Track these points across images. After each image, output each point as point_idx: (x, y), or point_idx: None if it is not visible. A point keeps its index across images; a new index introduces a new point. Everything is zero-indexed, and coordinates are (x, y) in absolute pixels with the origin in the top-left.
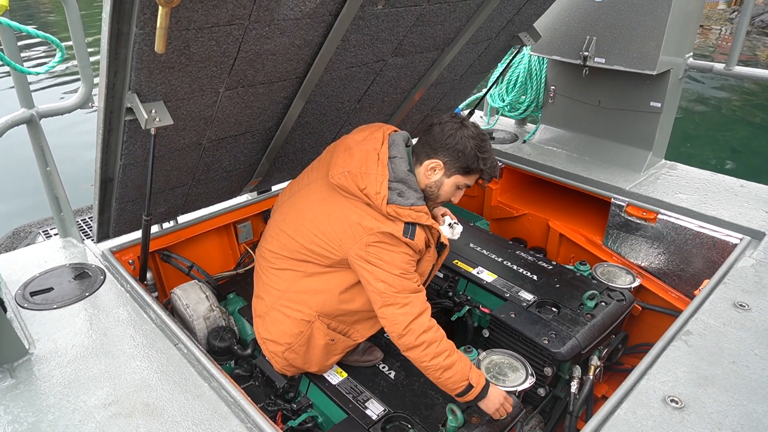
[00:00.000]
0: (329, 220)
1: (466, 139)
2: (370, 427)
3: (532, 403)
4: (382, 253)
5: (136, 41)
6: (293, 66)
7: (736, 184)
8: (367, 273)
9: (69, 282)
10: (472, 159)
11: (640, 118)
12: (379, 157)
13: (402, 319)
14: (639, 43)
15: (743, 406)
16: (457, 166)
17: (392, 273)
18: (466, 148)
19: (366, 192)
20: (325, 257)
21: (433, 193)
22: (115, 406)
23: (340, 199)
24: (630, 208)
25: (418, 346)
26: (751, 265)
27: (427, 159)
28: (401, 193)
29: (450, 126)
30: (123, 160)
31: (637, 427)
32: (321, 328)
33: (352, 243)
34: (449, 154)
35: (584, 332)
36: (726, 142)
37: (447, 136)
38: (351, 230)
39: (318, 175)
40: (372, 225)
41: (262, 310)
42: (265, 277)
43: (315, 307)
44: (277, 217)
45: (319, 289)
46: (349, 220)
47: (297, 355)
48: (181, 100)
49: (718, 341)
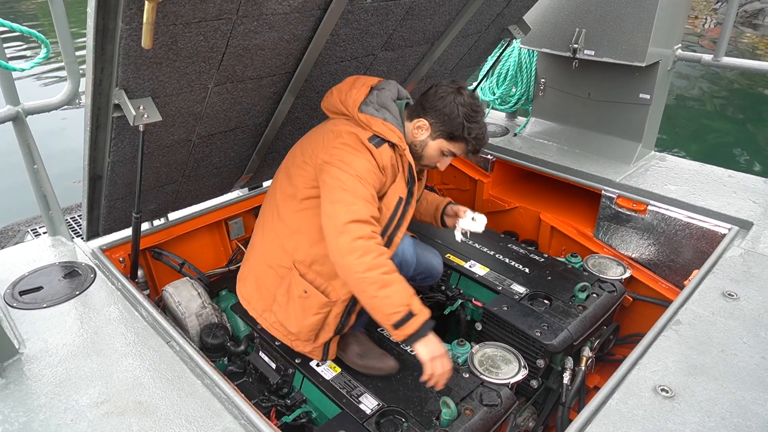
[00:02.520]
0: (311, 138)
1: (456, 105)
2: (365, 422)
3: (524, 394)
4: (343, 154)
5: (122, 37)
6: (282, 61)
7: (725, 174)
8: (327, 175)
9: (59, 281)
10: (458, 126)
11: (629, 110)
12: (366, 81)
13: (341, 215)
14: (628, 35)
15: (732, 393)
16: (442, 129)
17: (348, 172)
18: (452, 113)
19: (345, 103)
20: (300, 177)
21: (417, 153)
22: (108, 404)
23: (326, 123)
24: (620, 200)
25: (352, 251)
26: (740, 255)
27: (416, 117)
28: (377, 109)
29: (444, 89)
30: (111, 157)
31: (629, 416)
32: (296, 276)
33: (321, 150)
34: (436, 116)
35: (576, 324)
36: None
37: (438, 97)
38: (324, 138)
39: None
40: (343, 127)
41: (247, 270)
42: (253, 236)
43: (290, 251)
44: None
45: (292, 230)
46: (325, 130)
47: (280, 310)
48: (169, 96)
49: (708, 330)
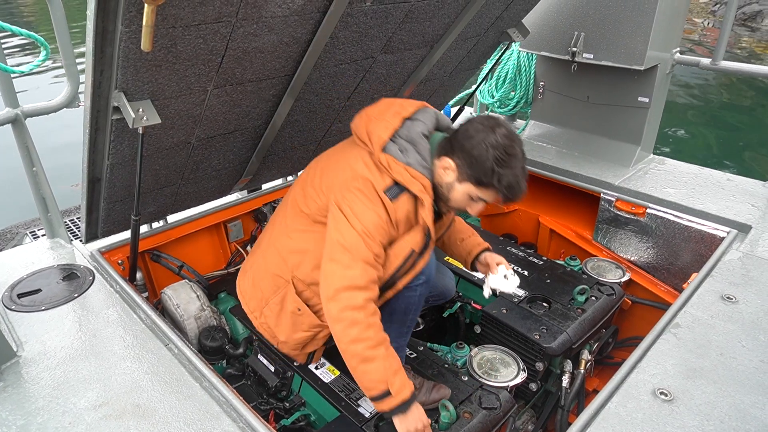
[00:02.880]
0: (334, 166)
1: (486, 146)
2: (363, 425)
3: (524, 397)
4: (354, 201)
5: (122, 39)
6: (282, 64)
7: (723, 177)
8: (332, 220)
9: (57, 283)
10: (487, 171)
11: (628, 113)
12: (400, 110)
13: (336, 280)
14: (627, 39)
15: (731, 397)
16: (469, 173)
17: (353, 227)
18: (481, 156)
19: (370, 136)
20: (313, 202)
21: (444, 195)
22: (106, 407)
23: (351, 147)
24: (619, 203)
25: (339, 320)
26: (738, 258)
27: (444, 155)
28: (404, 149)
29: (475, 126)
30: (111, 160)
31: (628, 420)
32: (292, 292)
33: (336, 187)
34: (464, 157)
35: (575, 327)
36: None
37: (467, 136)
38: (343, 174)
39: None
40: (360, 170)
41: (249, 265)
42: (263, 234)
43: (291, 266)
44: (306, 168)
45: (297, 249)
46: (346, 164)
47: (271, 314)
48: (168, 99)
49: (707, 334)
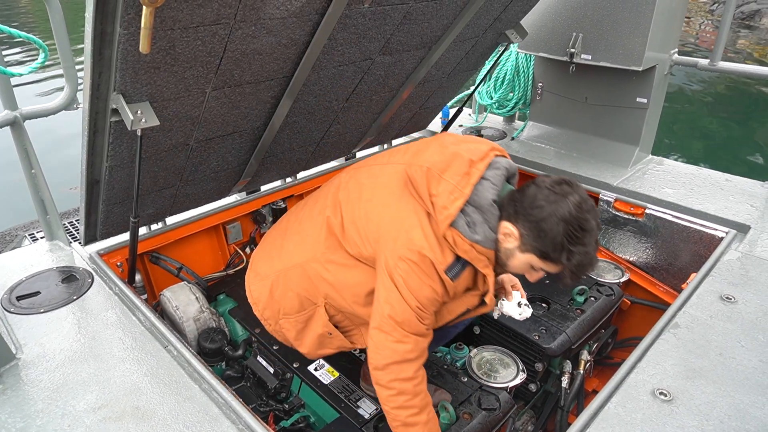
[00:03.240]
0: (380, 210)
1: (558, 220)
2: (363, 426)
3: (523, 398)
4: (410, 275)
5: (120, 41)
6: (280, 65)
7: (722, 178)
8: (382, 288)
9: (56, 285)
10: (556, 247)
11: (626, 113)
12: (469, 170)
13: (387, 354)
14: (625, 40)
15: (730, 397)
16: (534, 245)
17: (406, 302)
18: (551, 231)
19: (433, 200)
20: (355, 245)
21: (501, 260)
22: (105, 410)
23: (405, 194)
24: (618, 204)
25: (388, 388)
26: (737, 258)
27: (506, 221)
28: (472, 223)
29: (545, 194)
30: (109, 162)
31: (627, 420)
32: (322, 318)
33: (386, 245)
34: (529, 228)
35: (574, 327)
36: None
37: (536, 205)
38: (395, 233)
39: (399, 159)
40: (418, 241)
41: (266, 271)
42: (287, 241)
43: (323, 292)
44: (336, 182)
45: (334, 281)
46: (400, 221)
47: (291, 328)
48: (167, 101)
49: (706, 334)
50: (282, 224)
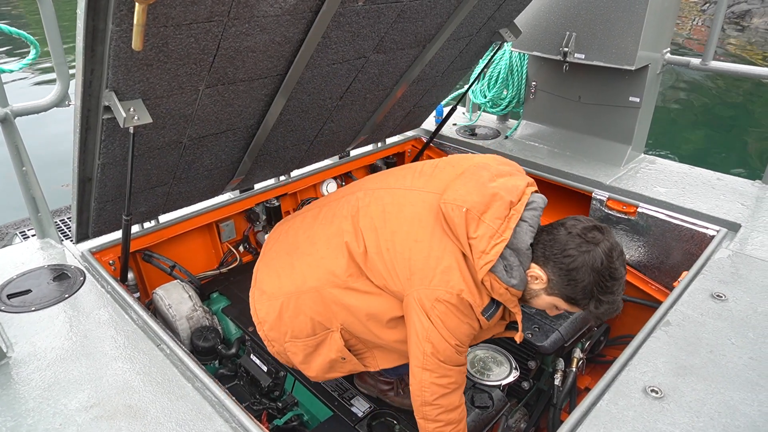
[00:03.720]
0: (411, 246)
1: (588, 270)
2: (356, 424)
3: (516, 396)
4: (448, 316)
5: (112, 38)
6: (274, 63)
7: (713, 177)
8: (420, 326)
9: (48, 284)
10: (585, 295)
11: (619, 112)
12: (510, 213)
13: (435, 389)
14: (618, 39)
15: (720, 393)
16: (562, 291)
17: (447, 341)
18: (582, 281)
19: (472, 243)
20: (380, 277)
21: (525, 297)
22: (97, 408)
23: (437, 231)
24: (610, 202)
25: (436, 421)
26: (728, 256)
27: (535, 263)
28: (509, 267)
29: (579, 241)
30: (101, 160)
31: (619, 417)
32: (337, 343)
33: (421, 285)
34: (560, 275)
35: (567, 325)
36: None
37: (567, 253)
38: (430, 272)
39: (424, 184)
40: (456, 284)
41: (274, 291)
42: (299, 261)
43: (341, 319)
44: (354, 202)
45: (353, 308)
46: (435, 261)
47: (299, 351)
48: (160, 98)
49: (697, 331)
50: (289, 239)
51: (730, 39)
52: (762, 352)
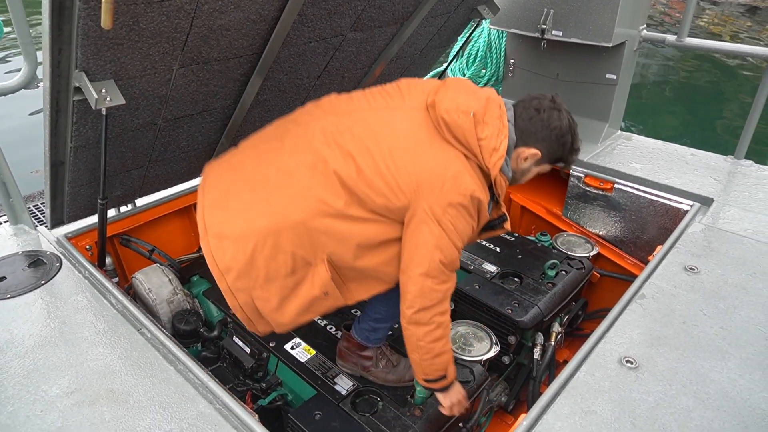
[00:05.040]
0: (414, 158)
1: (567, 130)
2: (340, 402)
3: (497, 370)
4: (459, 219)
5: (80, 16)
6: (249, 42)
7: (687, 152)
8: (429, 235)
9: (23, 270)
10: (569, 150)
11: (596, 90)
12: (500, 113)
13: (435, 295)
14: (594, 16)
15: (692, 362)
16: (552, 157)
17: (455, 244)
18: (567, 142)
19: (481, 144)
20: (381, 196)
21: (514, 179)
22: (78, 394)
23: (437, 141)
24: (588, 179)
25: (427, 324)
26: (701, 230)
27: (524, 146)
28: (507, 164)
29: (552, 113)
30: (74, 142)
31: (596, 388)
32: (322, 276)
33: (430, 193)
34: (549, 145)
35: (546, 301)
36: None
37: (552, 126)
38: (439, 180)
39: (400, 103)
40: (469, 185)
41: (241, 233)
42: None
43: (328, 251)
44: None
45: (344, 237)
46: (443, 168)
47: (272, 297)
48: (132, 79)
49: (670, 303)
50: (246, 174)
51: (706, 12)
52: (732, 321)
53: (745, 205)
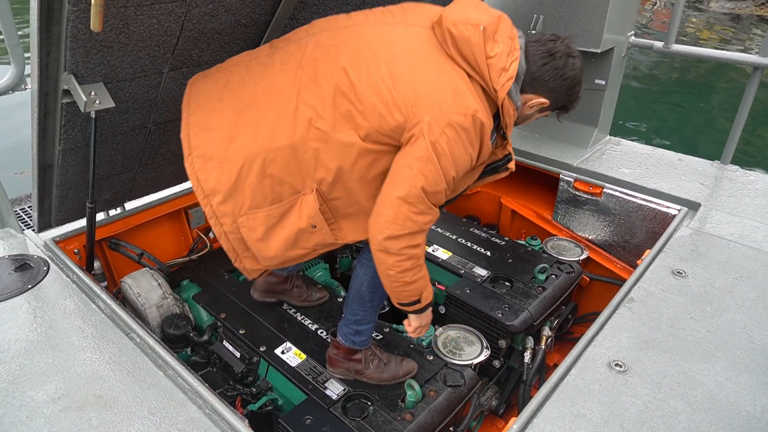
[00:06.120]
0: (414, 73)
1: (579, 80)
2: (331, 407)
3: (487, 374)
4: (456, 143)
5: (69, 18)
6: (240, 46)
7: (675, 158)
8: (418, 156)
9: (9, 274)
10: (573, 99)
11: (585, 95)
12: (512, 33)
13: (408, 225)
14: (584, 22)
15: (680, 365)
16: (557, 105)
17: (445, 173)
18: (576, 92)
19: (490, 63)
20: (375, 115)
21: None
22: (65, 399)
23: (440, 57)
24: (577, 184)
25: (397, 255)
26: (688, 235)
27: (532, 93)
28: (516, 91)
29: (570, 63)
30: (62, 145)
31: (585, 391)
32: (309, 207)
33: (429, 110)
34: (558, 96)
35: (536, 304)
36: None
37: (566, 76)
38: (439, 97)
39: (402, 19)
40: (472, 104)
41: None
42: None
43: (318, 178)
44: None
45: (336, 162)
46: (445, 84)
47: (257, 226)
48: (122, 82)
49: (658, 307)
50: (233, 93)
51: (691, 19)
52: (719, 325)
53: (731, 209)
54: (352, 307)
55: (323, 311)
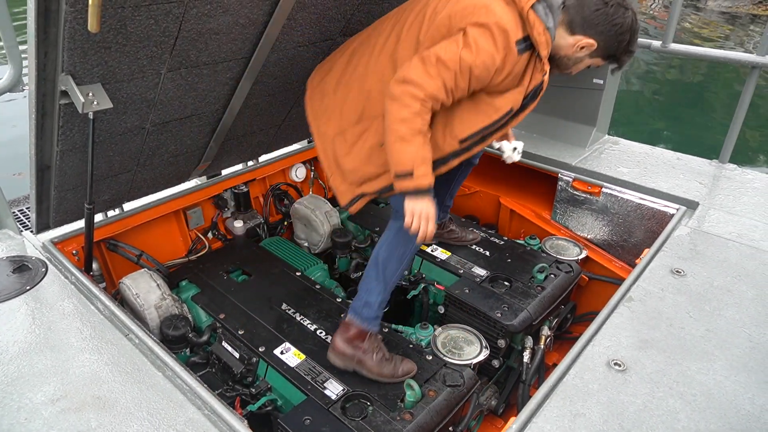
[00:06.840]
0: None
1: (628, 29)
2: (330, 407)
3: (487, 374)
4: (483, 37)
5: (66, 19)
6: (238, 46)
7: (673, 157)
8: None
9: (7, 276)
10: (623, 50)
11: (584, 95)
12: None
13: (413, 75)
14: None
15: (679, 364)
16: (607, 52)
17: (461, 56)
18: (624, 41)
19: None
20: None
21: (565, 65)
22: (64, 401)
23: None
24: (576, 183)
25: (397, 100)
26: (687, 234)
27: (582, 34)
28: (547, 13)
29: (621, 12)
30: (60, 147)
31: (584, 390)
32: (380, 127)
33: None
34: (606, 39)
35: (535, 304)
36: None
37: (615, 23)
38: (471, 8)
39: None
40: (499, 12)
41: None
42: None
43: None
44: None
45: None
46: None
47: (345, 143)
48: (120, 82)
49: (657, 306)
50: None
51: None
52: (717, 324)
53: (729, 208)
54: (367, 271)
55: (322, 311)
